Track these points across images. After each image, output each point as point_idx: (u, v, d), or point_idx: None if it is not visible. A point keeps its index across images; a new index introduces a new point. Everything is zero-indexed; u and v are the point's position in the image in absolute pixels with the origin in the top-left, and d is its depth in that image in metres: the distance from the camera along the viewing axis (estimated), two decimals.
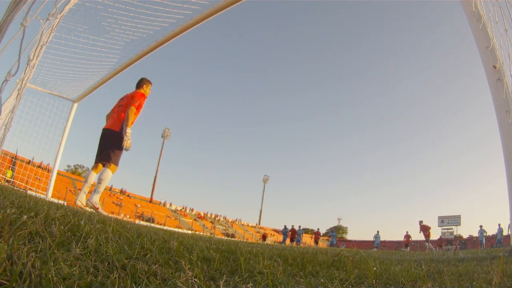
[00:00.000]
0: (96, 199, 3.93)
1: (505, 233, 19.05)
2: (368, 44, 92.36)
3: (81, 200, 3.92)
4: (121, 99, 4.57)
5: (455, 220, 36.70)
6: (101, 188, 4.02)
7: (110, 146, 4.14)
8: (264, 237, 29.63)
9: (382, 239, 23.36)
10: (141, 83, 4.64)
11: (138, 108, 4.31)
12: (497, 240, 19.61)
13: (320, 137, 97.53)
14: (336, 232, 19.74)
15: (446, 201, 78.21)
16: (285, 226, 22.75)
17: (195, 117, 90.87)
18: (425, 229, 16.24)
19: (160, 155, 44.42)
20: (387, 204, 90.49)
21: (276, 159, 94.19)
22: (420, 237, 17.05)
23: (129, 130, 4.09)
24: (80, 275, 0.69)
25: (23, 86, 3.66)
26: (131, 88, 4.70)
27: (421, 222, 16.46)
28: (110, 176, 4.08)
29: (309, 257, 1.60)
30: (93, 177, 4.14)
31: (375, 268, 1.24)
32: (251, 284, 0.86)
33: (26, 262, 0.64)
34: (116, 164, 4.12)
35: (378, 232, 22.40)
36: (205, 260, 1.15)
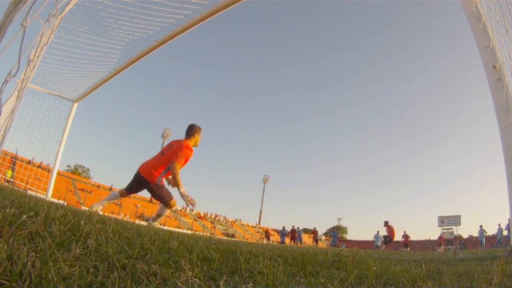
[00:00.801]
0: (153, 223, 4.16)
1: (505, 233, 19.02)
2: (368, 44, 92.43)
3: (97, 208, 3.89)
4: (168, 145, 4.25)
5: (455, 220, 36.70)
6: (158, 219, 4.20)
7: (158, 193, 4.05)
8: (267, 235, 26.86)
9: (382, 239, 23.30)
10: (191, 131, 4.22)
11: (183, 164, 4.03)
12: (497, 240, 19.59)
13: (320, 137, 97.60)
14: (338, 232, 19.28)
15: (446, 201, 78.27)
16: (283, 228, 22.35)
17: (195, 117, 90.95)
18: (390, 229, 15.57)
19: None
20: (387, 204, 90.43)
21: (276, 159, 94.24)
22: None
23: (183, 189, 3.90)
24: (80, 275, 0.69)
25: (23, 86, 3.66)
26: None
27: (386, 222, 15.79)
28: (167, 213, 4.26)
29: (309, 257, 1.60)
30: (117, 197, 4.13)
31: (375, 268, 1.24)
32: (251, 284, 0.86)
33: (26, 262, 0.64)
34: (172, 197, 4.11)
35: (378, 232, 22.36)
36: (205, 260, 1.15)
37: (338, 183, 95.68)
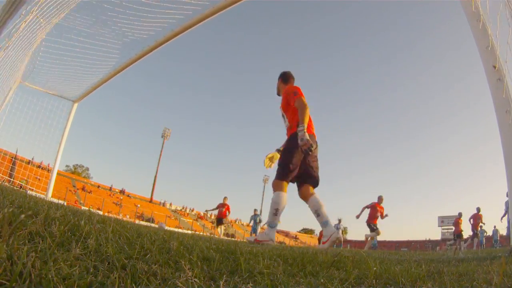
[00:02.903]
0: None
1: (502, 233, 19.33)
2: (368, 44, 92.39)
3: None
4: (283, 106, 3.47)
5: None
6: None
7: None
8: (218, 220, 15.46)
9: (381, 239, 23.35)
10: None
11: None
12: (494, 240, 19.97)
13: (320, 136, 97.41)
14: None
15: (446, 201, 78.28)
16: (255, 212, 15.35)
17: (195, 117, 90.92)
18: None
19: (160, 155, 44.40)
20: (387, 204, 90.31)
21: None
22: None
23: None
24: (80, 275, 0.69)
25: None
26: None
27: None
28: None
29: (309, 257, 1.60)
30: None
31: (375, 268, 1.24)
32: (251, 284, 0.86)
33: (26, 262, 0.64)
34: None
35: None
36: (205, 260, 1.15)
37: (338, 183, 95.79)
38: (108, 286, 0.67)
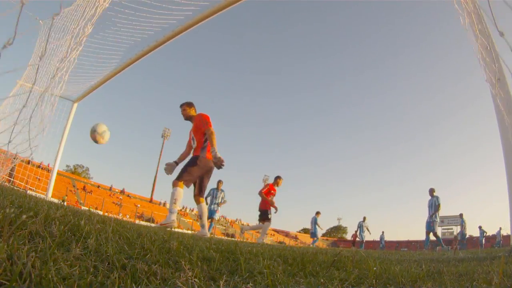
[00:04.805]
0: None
1: (505, 233, 19.35)
2: (367, 45, 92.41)
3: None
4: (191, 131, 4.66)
5: (455, 220, 36.71)
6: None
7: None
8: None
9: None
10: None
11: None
12: (496, 242, 20.00)
13: (320, 137, 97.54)
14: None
15: (446, 201, 78.29)
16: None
17: None
18: None
19: (160, 155, 44.40)
20: (387, 204, 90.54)
21: (276, 159, 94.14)
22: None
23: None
24: (80, 275, 0.69)
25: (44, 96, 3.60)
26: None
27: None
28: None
29: (309, 257, 1.60)
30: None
31: (375, 268, 1.24)
32: (251, 284, 0.86)
33: (26, 262, 0.64)
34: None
35: (383, 232, 22.46)
36: (205, 260, 1.15)
37: (338, 183, 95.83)
38: (108, 286, 0.67)
